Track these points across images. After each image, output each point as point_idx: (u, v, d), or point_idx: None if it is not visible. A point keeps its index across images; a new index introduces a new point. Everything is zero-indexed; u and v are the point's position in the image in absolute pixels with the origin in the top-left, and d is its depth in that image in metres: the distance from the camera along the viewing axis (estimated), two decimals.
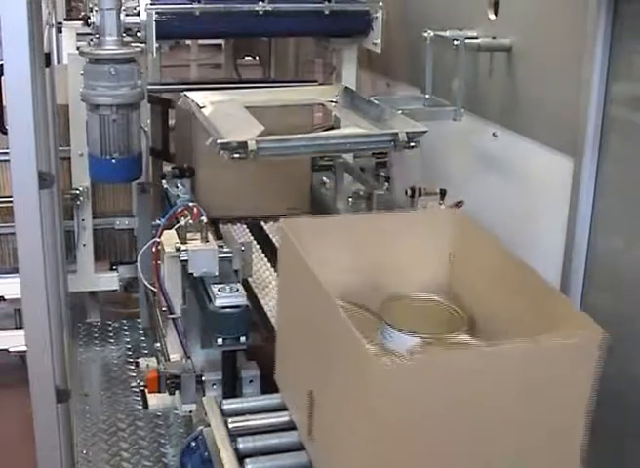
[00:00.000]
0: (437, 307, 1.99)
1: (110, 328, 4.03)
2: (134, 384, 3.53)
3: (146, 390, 2.58)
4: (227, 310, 2.28)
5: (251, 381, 2.38)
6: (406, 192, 2.72)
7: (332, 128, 2.73)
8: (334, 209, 3.01)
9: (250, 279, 2.59)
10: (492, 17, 2.84)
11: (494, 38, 2.81)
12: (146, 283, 2.92)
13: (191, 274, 2.39)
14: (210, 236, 2.47)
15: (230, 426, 1.96)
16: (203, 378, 2.43)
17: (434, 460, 1.56)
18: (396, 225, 2.05)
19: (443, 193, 2.69)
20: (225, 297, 2.29)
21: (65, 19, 5.07)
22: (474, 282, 1.98)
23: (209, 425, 2.01)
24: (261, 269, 2.82)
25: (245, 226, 3.14)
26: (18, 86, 1.85)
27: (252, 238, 3.04)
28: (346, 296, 1.88)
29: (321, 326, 1.70)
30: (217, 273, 2.38)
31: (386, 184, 2.87)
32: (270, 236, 3.11)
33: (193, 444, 2.06)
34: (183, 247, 2.39)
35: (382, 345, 1.83)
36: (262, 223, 3.22)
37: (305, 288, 1.78)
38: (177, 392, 2.46)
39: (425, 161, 3.35)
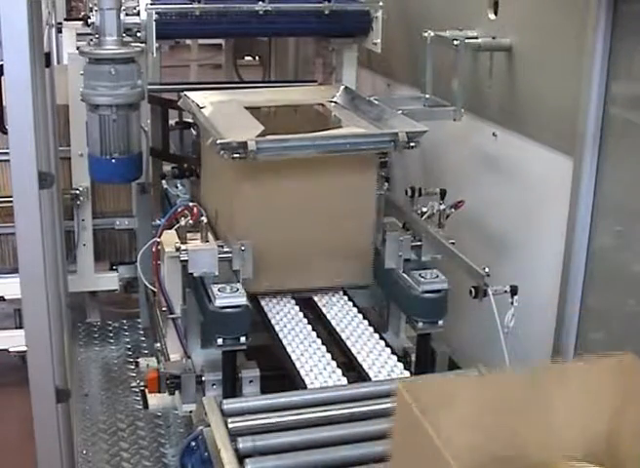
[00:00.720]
0: None
1: (110, 328, 4.03)
2: (134, 384, 3.53)
3: (146, 390, 2.58)
4: (227, 310, 2.28)
5: (251, 381, 2.38)
6: (406, 192, 2.72)
7: (332, 128, 2.73)
8: None
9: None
10: (492, 17, 2.84)
11: (494, 38, 2.81)
12: (146, 283, 2.92)
13: (191, 274, 2.39)
14: (210, 236, 2.47)
15: (230, 426, 1.96)
16: (203, 378, 2.43)
17: None
18: (540, 380, 1.60)
19: (443, 193, 2.69)
20: (225, 297, 2.29)
21: (65, 19, 5.08)
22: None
23: (209, 425, 2.01)
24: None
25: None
26: (18, 86, 1.85)
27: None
28: None
29: None
30: (217, 273, 2.38)
31: (386, 184, 2.87)
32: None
33: (193, 444, 2.06)
34: (183, 247, 2.39)
35: None
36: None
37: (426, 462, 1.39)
38: (177, 392, 2.46)
39: (425, 161, 3.35)
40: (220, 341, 2.28)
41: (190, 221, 2.52)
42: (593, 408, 1.59)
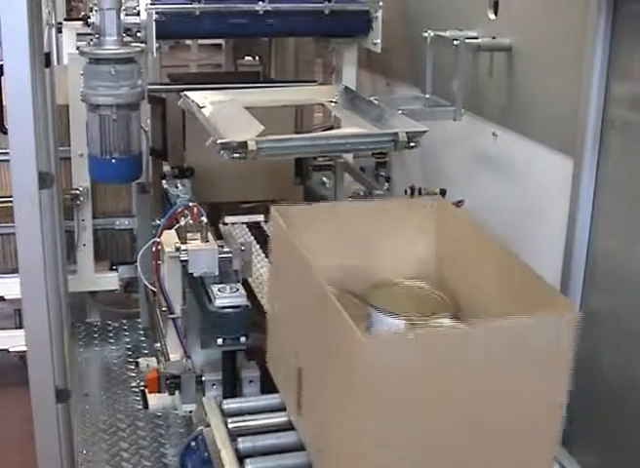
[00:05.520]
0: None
1: (110, 328, 4.03)
2: (134, 384, 3.53)
3: (146, 390, 2.58)
4: (227, 310, 2.28)
5: (251, 381, 2.38)
6: (406, 192, 2.72)
7: (332, 128, 2.73)
8: None
9: (250, 279, 2.59)
10: (492, 17, 2.84)
11: (494, 38, 2.81)
12: (146, 283, 2.92)
13: (191, 274, 2.39)
14: (210, 236, 2.47)
15: (230, 426, 1.96)
16: (203, 378, 2.42)
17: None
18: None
19: (443, 193, 2.69)
20: (225, 297, 2.29)
21: (65, 19, 5.06)
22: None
23: (209, 425, 2.01)
24: (262, 269, 2.82)
25: (245, 226, 3.15)
26: (18, 86, 1.85)
27: (252, 238, 3.05)
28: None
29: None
30: (217, 273, 2.38)
31: (386, 184, 2.87)
32: (270, 236, 3.10)
33: (193, 444, 2.06)
34: (183, 247, 2.39)
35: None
36: (262, 223, 3.22)
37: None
38: (177, 392, 2.45)
39: (425, 161, 3.35)
40: (219, 341, 2.28)
41: (190, 221, 2.52)
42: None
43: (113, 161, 2.99)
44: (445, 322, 1.90)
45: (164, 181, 3.13)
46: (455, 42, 2.80)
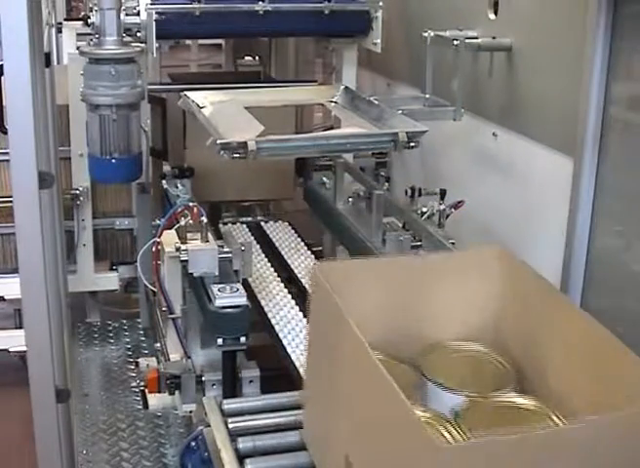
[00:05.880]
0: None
1: (110, 328, 4.03)
2: (134, 384, 3.53)
3: (146, 390, 2.58)
4: (227, 310, 2.28)
5: (251, 381, 2.38)
6: (406, 192, 2.72)
7: (332, 128, 2.73)
8: (334, 209, 3.01)
9: (250, 279, 2.59)
10: (492, 17, 2.84)
11: (494, 38, 2.81)
12: (146, 283, 2.92)
13: (191, 274, 2.39)
14: (210, 236, 2.48)
15: (230, 426, 1.96)
16: (203, 378, 2.43)
17: None
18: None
19: (443, 193, 2.69)
20: (225, 297, 2.29)
21: (65, 19, 5.07)
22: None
23: (209, 425, 2.01)
24: (262, 269, 2.82)
25: (245, 226, 3.16)
26: (18, 86, 1.85)
27: (252, 238, 3.05)
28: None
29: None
30: (217, 273, 2.38)
31: (386, 184, 2.87)
32: (270, 236, 3.11)
33: (193, 444, 2.06)
34: (183, 247, 2.39)
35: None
36: (262, 223, 3.23)
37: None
38: (177, 392, 2.46)
39: (425, 161, 3.35)
40: (220, 341, 2.28)
41: (190, 221, 2.52)
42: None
43: (113, 161, 2.99)
44: (512, 397, 1.65)
45: (164, 181, 3.13)
46: (455, 42, 2.81)
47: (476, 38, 2.85)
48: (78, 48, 3.05)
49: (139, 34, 3.02)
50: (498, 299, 1.82)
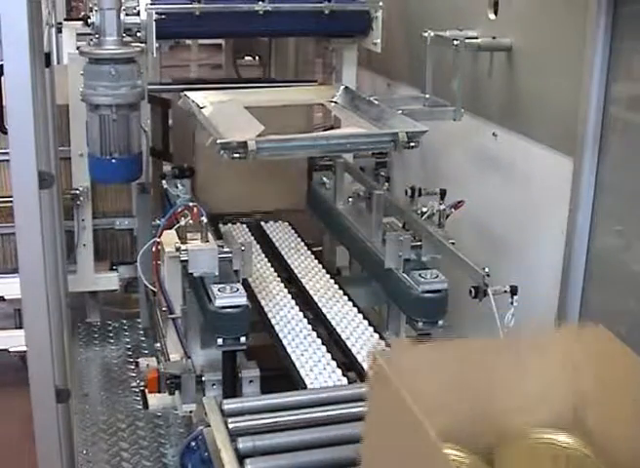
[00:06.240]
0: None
1: (110, 328, 4.03)
2: (134, 384, 3.53)
3: (146, 390, 2.58)
4: (227, 310, 2.28)
5: (251, 381, 2.38)
6: (406, 192, 2.72)
7: (332, 128, 2.73)
8: (334, 209, 3.01)
9: (250, 279, 2.59)
10: (492, 17, 2.84)
11: (494, 38, 2.81)
12: (146, 283, 2.92)
13: (191, 274, 2.39)
14: (210, 236, 2.47)
15: (230, 426, 1.96)
16: (203, 378, 2.42)
17: None
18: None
19: (443, 193, 2.69)
20: (225, 297, 2.29)
21: (65, 19, 5.07)
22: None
23: (209, 425, 2.01)
24: (262, 269, 2.82)
25: (245, 226, 3.15)
26: (18, 86, 1.85)
27: (252, 238, 3.05)
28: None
29: None
30: (217, 273, 2.38)
31: (386, 184, 2.87)
32: (270, 236, 3.11)
33: (193, 444, 2.06)
34: (183, 247, 2.39)
35: None
36: (262, 223, 3.22)
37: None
38: (177, 392, 2.45)
39: (425, 161, 3.35)
40: (220, 341, 2.28)
41: (190, 221, 2.52)
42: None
43: (113, 161, 2.99)
44: None
45: (164, 181, 3.13)
46: (455, 42, 2.81)
47: (476, 38, 2.85)
48: (78, 48, 3.06)
49: (139, 34, 3.02)
50: (587, 382, 1.60)
